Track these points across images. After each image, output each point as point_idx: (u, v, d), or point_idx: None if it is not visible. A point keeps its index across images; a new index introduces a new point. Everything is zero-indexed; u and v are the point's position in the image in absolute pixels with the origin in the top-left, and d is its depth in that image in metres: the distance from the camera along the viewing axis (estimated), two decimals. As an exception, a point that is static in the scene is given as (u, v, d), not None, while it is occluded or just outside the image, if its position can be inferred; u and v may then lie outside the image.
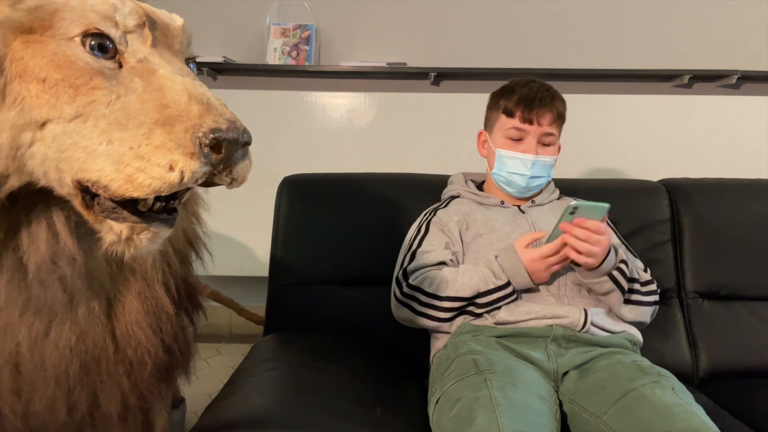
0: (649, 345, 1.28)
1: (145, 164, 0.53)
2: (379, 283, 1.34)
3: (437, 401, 1.01)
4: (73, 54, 0.57)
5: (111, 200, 0.57)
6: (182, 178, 0.53)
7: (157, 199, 0.58)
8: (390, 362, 1.29)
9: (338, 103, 2.42)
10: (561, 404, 1.04)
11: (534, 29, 2.47)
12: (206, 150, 0.54)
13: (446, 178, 1.47)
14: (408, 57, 2.48)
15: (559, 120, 1.29)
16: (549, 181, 1.38)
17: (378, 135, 2.41)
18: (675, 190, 1.52)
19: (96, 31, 0.58)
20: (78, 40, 0.57)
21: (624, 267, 1.16)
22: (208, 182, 0.58)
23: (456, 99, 2.40)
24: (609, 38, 2.46)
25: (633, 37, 2.46)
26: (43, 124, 0.56)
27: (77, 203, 0.59)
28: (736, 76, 2.34)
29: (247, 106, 2.35)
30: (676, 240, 1.48)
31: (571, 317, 1.14)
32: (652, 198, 1.51)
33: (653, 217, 1.48)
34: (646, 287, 1.21)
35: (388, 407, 1.05)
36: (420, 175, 1.56)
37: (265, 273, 1.48)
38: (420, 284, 1.19)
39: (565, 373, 1.08)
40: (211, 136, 0.54)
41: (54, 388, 0.66)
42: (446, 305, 1.17)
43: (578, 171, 2.27)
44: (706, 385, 1.32)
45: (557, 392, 1.06)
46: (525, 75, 1.38)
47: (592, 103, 2.37)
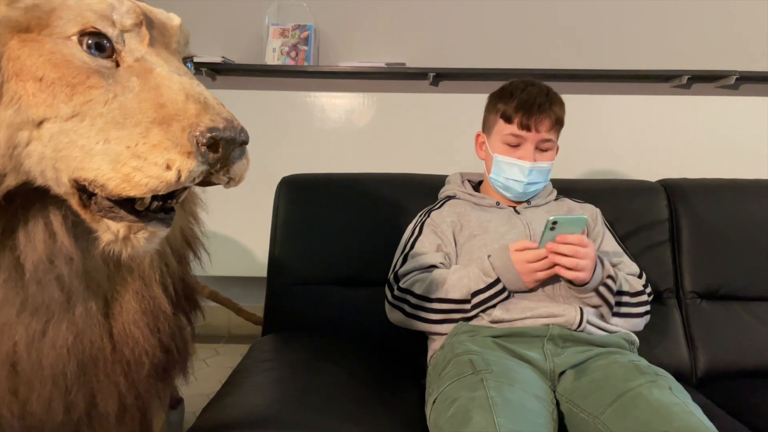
0: (647, 345, 1.28)
1: (142, 163, 0.53)
2: (378, 283, 1.34)
3: (434, 401, 1.01)
4: (70, 53, 0.57)
5: (108, 199, 0.57)
6: (179, 177, 0.53)
7: (155, 198, 0.58)
8: (388, 362, 1.29)
9: (337, 104, 2.41)
10: (558, 404, 1.04)
11: (533, 30, 2.47)
12: (203, 149, 0.54)
13: (445, 178, 1.47)
14: (407, 57, 2.48)
15: (558, 125, 1.28)
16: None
17: (377, 135, 2.41)
18: (673, 191, 1.52)
19: (93, 30, 0.58)
20: (75, 39, 0.57)
21: (611, 282, 1.15)
22: (206, 181, 0.58)
23: (455, 99, 2.40)
24: (608, 39, 2.46)
25: (632, 37, 2.46)
26: (40, 123, 0.56)
27: (74, 202, 0.59)
28: (735, 77, 2.34)
29: (245, 106, 2.35)
30: (674, 240, 1.48)
31: (566, 316, 1.14)
32: (650, 198, 1.51)
33: (652, 217, 1.48)
34: (636, 298, 1.21)
35: (386, 407, 1.05)
36: (419, 175, 1.56)
37: (264, 273, 1.47)
38: (410, 287, 1.20)
39: (562, 373, 1.08)
40: (209, 135, 0.53)
41: (51, 388, 0.65)
42: (436, 307, 1.17)
43: (577, 171, 2.26)
44: (704, 385, 1.32)
45: (554, 392, 1.06)
46: (524, 75, 1.38)
47: (590, 103, 2.37)
